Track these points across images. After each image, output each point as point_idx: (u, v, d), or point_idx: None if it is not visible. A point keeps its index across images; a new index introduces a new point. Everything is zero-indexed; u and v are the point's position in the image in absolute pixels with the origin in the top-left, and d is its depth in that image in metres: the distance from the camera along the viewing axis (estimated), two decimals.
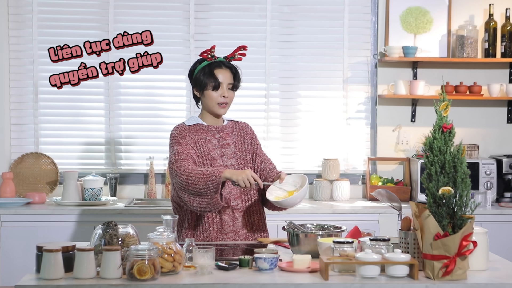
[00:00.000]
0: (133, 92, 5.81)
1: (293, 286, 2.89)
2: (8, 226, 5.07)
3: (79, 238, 4.98)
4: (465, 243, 2.89)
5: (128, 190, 5.75)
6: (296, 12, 5.82)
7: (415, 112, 5.82)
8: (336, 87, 5.86)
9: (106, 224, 3.08)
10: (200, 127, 3.76)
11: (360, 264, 2.94)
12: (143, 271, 2.86)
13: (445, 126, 2.95)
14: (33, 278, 2.93)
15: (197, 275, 3.00)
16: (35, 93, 5.70)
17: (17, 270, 5.02)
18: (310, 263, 3.11)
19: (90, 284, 2.84)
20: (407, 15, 5.76)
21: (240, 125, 3.90)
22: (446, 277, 2.91)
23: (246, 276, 3.00)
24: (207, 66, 3.74)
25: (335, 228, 3.52)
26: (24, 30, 5.69)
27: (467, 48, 5.64)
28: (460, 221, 2.90)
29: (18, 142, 5.72)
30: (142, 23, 5.73)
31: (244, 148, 3.83)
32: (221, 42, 5.77)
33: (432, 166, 2.92)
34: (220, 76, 3.71)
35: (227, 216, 3.67)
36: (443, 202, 2.91)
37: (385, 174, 5.82)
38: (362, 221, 4.93)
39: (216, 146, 3.74)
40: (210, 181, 3.43)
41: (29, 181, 5.62)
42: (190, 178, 3.47)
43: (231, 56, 3.82)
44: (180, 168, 3.53)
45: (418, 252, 3.07)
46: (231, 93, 3.75)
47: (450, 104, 3.01)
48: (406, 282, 2.90)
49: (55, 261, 2.89)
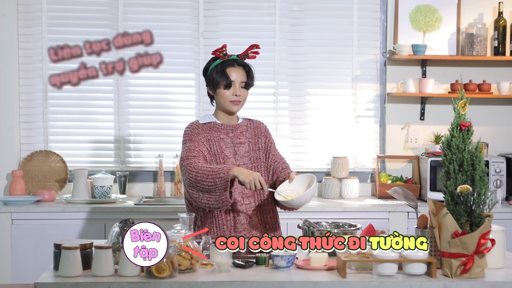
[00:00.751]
0: (143, 90, 5.81)
1: (311, 284, 2.90)
2: (18, 224, 5.07)
3: (90, 235, 4.98)
4: (483, 241, 2.90)
5: (137, 188, 5.75)
6: (305, 10, 5.81)
7: (424, 110, 5.82)
8: (345, 85, 5.86)
9: (124, 222, 3.08)
10: (214, 125, 3.76)
11: (378, 262, 2.95)
12: (161, 269, 2.87)
13: (463, 124, 2.96)
14: (51, 276, 2.94)
15: (215, 272, 3.01)
16: (44, 91, 5.70)
17: (28, 268, 5.04)
18: (327, 261, 3.11)
19: (108, 282, 2.85)
20: (416, 13, 5.76)
21: (255, 124, 3.90)
22: (464, 275, 2.91)
23: (264, 274, 3.01)
24: (220, 64, 3.74)
25: (350, 226, 3.52)
26: (34, 28, 5.69)
27: (477, 46, 5.64)
28: (478, 219, 2.90)
29: (27, 140, 5.72)
30: (151, 21, 5.75)
31: (258, 147, 3.83)
32: (230, 40, 5.76)
33: (450, 164, 2.93)
34: (232, 75, 3.70)
35: (240, 214, 3.67)
36: (461, 200, 2.91)
37: (394, 172, 5.82)
38: (372, 219, 4.91)
39: (229, 145, 3.74)
40: (218, 178, 3.44)
41: (38, 179, 5.62)
42: (199, 175, 3.47)
43: (244, 55, 3.82)
44: (190, 165, 3.54)
45: (435, 250, 3.08)
46: (244, 91, 3.74)
47: (468, 102, 3.01)
48: (424, 280, 2.91)
49: (74, 258, 2.90)
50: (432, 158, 5.49)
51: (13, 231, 5.06)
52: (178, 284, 2.86)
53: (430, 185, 5.46)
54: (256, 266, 3.13)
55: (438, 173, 5.45)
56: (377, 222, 4.82)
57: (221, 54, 3.77)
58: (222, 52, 3.76)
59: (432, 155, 5.55)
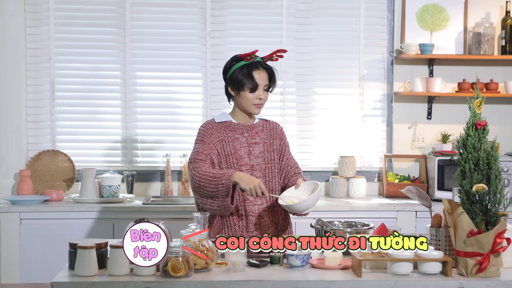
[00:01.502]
0: (150, 90, 5.81)
1: (327, 283, 2.90)
2: (27, 224, 5.07)
3: (98, 235, 4.99)
4: (499, 240, 2.90)
5: (144, 187, 5.75)
6: (312, 9, 5.81)
7: (431, 110, 5.82)
8: (352, 85, 5.86)
9: (138, 221, 3.08)
10: (229, 124, 3.76)
11: (393, 261, 2.95)
12: (177, 268, 2.87)
13: (479, 123, 2.95)
14: (67, 275, 2.94)
15: (230, 272, 3.01)
16: (51, 91, 5.70)
17: (36, 267, 5.04)
18: (341, 260, 3.11)
19: (124, 281, 2.85)
20: (423, 12, 5.76)
21: (271, 125, 3.90)
22: (480, 274, 2.91)
23: (279, 273, 3.01)
24: (245, 66, 3.71)
25: (363, 225, 3.53)
26: (41, 28, 5.69)
27: (484, 45, 5.64)
28: (494, 218, 2.91)
29: (35, 140, 5.72)
30: (158, 20, 5.75)
31: (272, 148, 3.82)
32: (237, 39, 5.79)
33: (466, 163, 2.92)
34: (258, 78, 3.69)
35: (252, 214, 3.67)
36: (476, 199, 2.91)
37: (401, 172, 5.82)
38: (380, 219, 4.91)
39: (244, 145, 3.74)
40: (220, 184, 3.47)
41: (46, 179, 5.62)
42: (202, 180, 3.51)
43: (269, 58, 3.80)
44: (195, 169, 3.57)
45: (449, 249, 3.08)
46: (266, 94, 3.75)
47: (484, 101, 3.01)
48: (439, 279, 2.91)
49: (90, 258, 2.90)
50: (440, 157, 5.50)
51: (21, 231, 5.06)
52: (194, 283, 2.86)
53: (438, 184, 5.47)
54: (270, 265, 3.13)
55: (446, 172, 5.46)
56: (386, 221, 4.75)
57: (249, 58, 3.74)
58: (251, 57, 3.74)
59: (440, 154, 5.55)
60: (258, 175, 3.72)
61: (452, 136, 5.74)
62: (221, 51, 5.76)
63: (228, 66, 3.76)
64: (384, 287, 2.88)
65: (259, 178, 3.70)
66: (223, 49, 5.76)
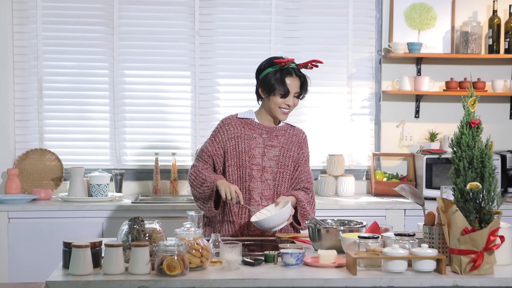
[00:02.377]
0: (138, 88, 5.79)
1: (322, 281, 2.90)
2: (15, 223, 5.04)
3: (87, 234, 4.98)
4: (493, 238, 2.92)
5: (133, 186, 5.74)
6: (300, 8, 5.82)
7: (419, 108, 5.84)
8: (341, 83, 5.87)
9: (133, 220, 3.07)
10: (250, 122, 3.78)
11: (388, 259, 2.96)
12: (172, 267, 2.87)
13: (473, 122, 2.97)
14: (62, 274, 2.92)
15: (224, 270, 3.01)
16: (39, 89, 5.67)
17: (25, 267, 5.02)
18: (335, 258, 3.12)
19: (120, 280, 2.84)
20: (411, 11, 5.78)
21: (295, 131, 3.89)
22: (474, 271, 2.93)
23: (274, 271, 3.01)
24: (279, 71, 3.71)
25: (356, 223, 3.54)
26: (29, 26, 5.65)
27: (472, 44, 5.67)
28: (488, 216, 2.93)
29: (22, 139, 5.69)
30: (146, 18, 5.74)
31: (289, 154, 3.81)
32: (226, 38, 5.79)
33: (460, 162, 2.94)
34: (289, 85, 3.70)
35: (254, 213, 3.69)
36: (470, 197, 2.93)
37: (389, 170, 5.84)
38: (369, 217, 4.87)
39: (259, 145, 3.75)
40: (205, 186, 3.61)
41: (33, 177, 5.59)
42: (194, 180, 3.67)
43: (303, 66, 3.80)
44: (193, 168, 3.70)
45: (443, 247, 3.09)
46: (296, 101, 3.76)
47: (478, 100, 3.03)
48: (433, 276, 2.92)
49: (84, 257, 2.89)
50: (428, 156, 5.52)
51: (10, 230, 5.04)
52: (190, 281, 2.85)
53: (426, 183, 5.49)
54: (265, 264, 3.14)
55: (434, 170, 5.49)
56: (375, 219, 4.81)
57: (283, 64, 3.72)
58: (286, 64, 3.73)
59: (428, 152, 5.58)
60: (268, 177, 3.73)
61: (440, 134, 5.77)
62: (210, 50, 5.76)
63: (262, 68, 3.77)
64: (379, 284, 2.89)
65: (268, 180, 3.71)
66: (211, 48, 5.76)
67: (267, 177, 3.74)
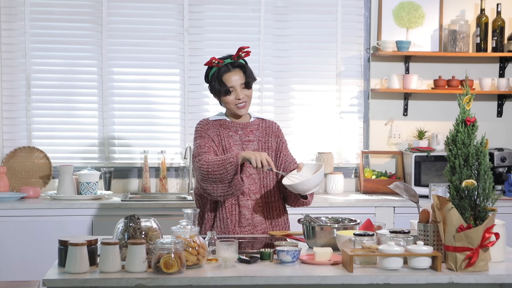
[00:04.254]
0: (127, 86, 5.77)
1: (318, 279, 2.91)
2: (4, 221, 5.01)
3: (77, 232, 4.97)
4: (488, 235, 2.94)
5: (122, 184, 5.72)
6: (289, 6, 5.83)
7: (407, 106, 5.87)
8: (329, 81, 5.89)
9: (129, 218, 3.07)
10: (224, 122, 3.77)
11: (384, 256, 2.97)
12: (169, 265, 2.86)
13: (468, 120, 2.99)
14: (58, 272, 2.90)
15: (221, 268, 3.01)
16: (27, 87, 5.64)
17: (15, 265, 4.99)
18: (331, 256, 3.13)
19: (117, 278, 2.83)
20: (400, 9, 5.81)
21: (267, 123, 3.90)
22: (469, 268, 2.95)
23: (270, 269, 3.01)
24: (216, 72, 3.73)
25: (350, 221, 3.55)
26: (16, 23, 5.62)
27: (460, 42, 5.71)
28: (483, 213, 2.94)
29: (10, 136, 5.66)
30: (135, 16, 5.73)
31: (267, 146, 3.83)
32: (215, 36, 5.79)
33: (455, 159, 2.95)
34: (230, 80, 3.70)
35: (245, 209, 3.69)
36: (465, 194, 2.95)
37: (377, 168, 5.86)
38: (358, 214, 4.93)
39: (237, 142, 3.75)
40: (228, 163, 3.49)
41: (21, 175, 5.57)
42: (210, 167, 3.53)
43: (237, 56, 3.80)
44: (201, 160, 3.59)
45: (437, 244, 3.11)
46: (247, 91, 3.75)
47: (473, 98, 3.04)
48: (429, 274, 2.94)
49: (81, 255, 2.88)
50: (417, 154, 5.55)
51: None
52: (187, 279, 2.85)
53: (415, 180, 5.52)
54: (260, 261, 3.14)
55: (422, 168, 5.52)
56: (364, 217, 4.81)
57: (214, 63, 3.74)
58: (214, 62, 3.74)
59: (416, 150, 5.60)
60: (252, 171, 3.72)
61: (428, 132, 5.80)
62: (199, 47, 5.75)
63: (206, 75, 3.80)
64: (376, 282, 2.90)
65: (252, 175, 3.72)
66: (200, 45, 5.76)
67: (251, 172, 3.73)
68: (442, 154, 5.54)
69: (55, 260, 3.07)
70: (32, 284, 3.60)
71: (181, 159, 5.75)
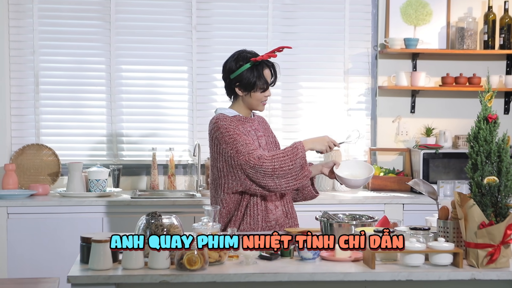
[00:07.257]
0: (135, 83, 5.77)
1: (341, 275, 2.92)
2: (15, 218, 5.01)
3: (87, 229, 4.96)
4: (509, 231, 2.95)
5: (130, 181, 5.72)
6: (297, 3, 5.84)
7: (414, 103, 5.88)
8: (337, 78, 5.90)
9: (151, 215, 3.07)
10: (240, 118, 3.74)
11: (405, 253, 2.98)
12: (193, 261, 2.87)
13: (490, 117, 2.99)
14: (81, 269, 2.91)
15: (242, 264, 3.02)
16: (36, 84, 5.64)
17: (25, 262, 4.99)
18: (351, 252, 3.14)
19: (141, 275, 2.84)
20: (407, 7, 5.82)
21: (260, 118, 3.94)
22: (491, 265, 2.96)
23: (291, 265, 3.03)
24: (255, 68, 3.67)
25: (367, 218, 3.56)
26: (25, 20, 5.62)
27: (467, 40, 5.72)
28: (505, 210, 2.96)
29: (19, 134, 5.66)
30: (143, 13, 5.73)
31: (270, 140, 3.87)
32: (222, 33, 5.79)
33: (477, 156, 2.97)
34: (268, 77, 3.71)
35: (271, 204, 3.70)
36: (487, 191, 2.96)
37: (385, 165, 5.87)
38: (368, 211, 4.89)
39: (254, 138, 3.75)
40: (298, 158, 3.55)
41: (30, 173, 5.56)
42: (276, 163, 3.52)
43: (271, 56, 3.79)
44: (261, 158, 3.54)
45: (457, 240, 3.12)
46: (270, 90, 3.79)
47: (494, 95, 3.06)
48: (451, 270, 2.95)
49: (104, 251, 2.88)
50: (425, 151, 5.56)
51: (9, 226, 5.01)
52: (211, 276, 2.86)
53: (423, 177, 5.52)
54: (281, 258, 3.15)
55: (431, 165, 5.53)
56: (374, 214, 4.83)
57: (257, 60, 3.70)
58: (258, 59, 3.70)
59: (424, 147, 5.62)
60: None
61: (436, 129, 5.81)
62: (207, 45, 5.75)
63: (234, 67, 3.70)
64: (398, 278, 2.91)
65: None
66: (208, 43, 5.76)
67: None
68: (450, 151, 5.56)
69: (66, 257, 3.07)
70: (37, 281, 3.60)
71: (189, 156, 5.75)
